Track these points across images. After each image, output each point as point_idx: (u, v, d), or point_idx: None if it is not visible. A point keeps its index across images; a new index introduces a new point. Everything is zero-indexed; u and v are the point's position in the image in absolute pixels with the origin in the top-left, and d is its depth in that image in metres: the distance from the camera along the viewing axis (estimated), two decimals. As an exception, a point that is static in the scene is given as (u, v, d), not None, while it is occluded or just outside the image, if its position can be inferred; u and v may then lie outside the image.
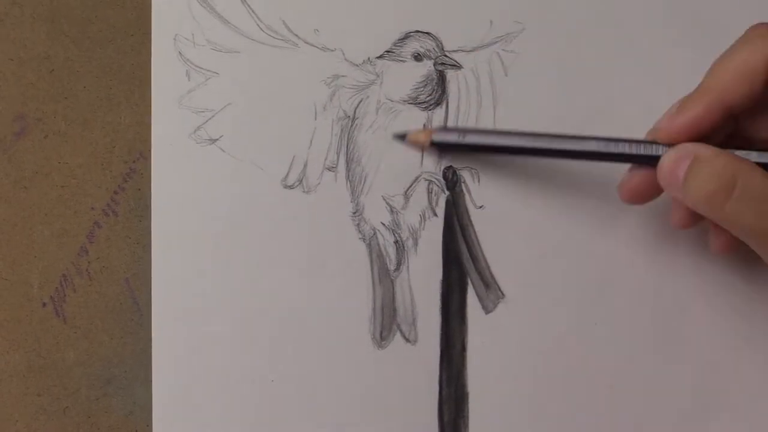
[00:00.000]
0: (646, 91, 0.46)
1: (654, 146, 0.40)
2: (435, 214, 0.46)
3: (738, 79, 0.38)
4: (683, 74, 0.46)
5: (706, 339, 0.46)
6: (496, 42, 0.46)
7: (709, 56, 0.46)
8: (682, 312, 0.46)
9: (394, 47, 0.46)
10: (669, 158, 0.39)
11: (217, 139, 0.45)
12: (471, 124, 0.46)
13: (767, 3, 0.46)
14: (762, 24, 0.39)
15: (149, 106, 0.45)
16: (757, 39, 0.39)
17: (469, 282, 0.45)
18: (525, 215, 0.46)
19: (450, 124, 0.46)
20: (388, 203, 0.46)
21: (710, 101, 0.39)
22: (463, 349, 0.45)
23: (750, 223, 0.37)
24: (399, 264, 0.46)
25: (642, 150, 0.41)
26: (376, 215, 0.46)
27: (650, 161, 0.40)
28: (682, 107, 0.39)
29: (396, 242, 0.46)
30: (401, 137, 0.45)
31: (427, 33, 0.46)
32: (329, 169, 0.45)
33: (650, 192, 0.41)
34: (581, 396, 0.45)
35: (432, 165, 0.46)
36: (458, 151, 0.45)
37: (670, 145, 0.40)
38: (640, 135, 0.41)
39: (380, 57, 0.46)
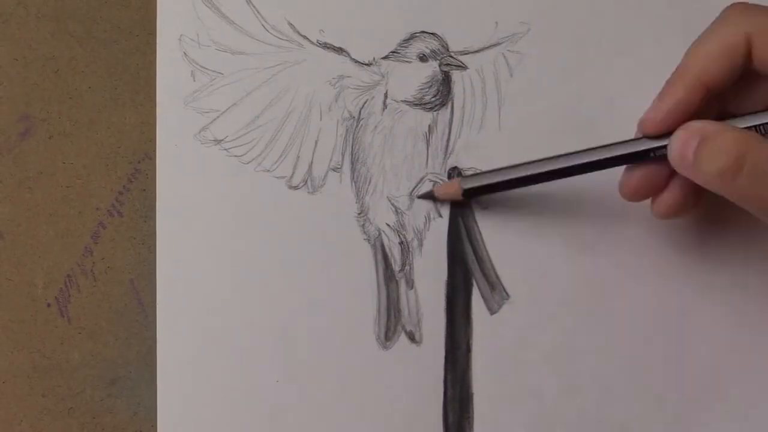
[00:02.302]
0: (651, 91, 0.45)
1: (643, 141, 0.40)
2: (440, 215, 0.46)
3: (717, 58, 0.38)
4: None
5: (708, 340, 0.46)
6: (502, 42, 0.46)
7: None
8: (685, 313, 0.46)
9: (399, 48, 0.46)
10: (677, 140, 0.39)
11: (222, 140, 0.45)
12: (476, 124, 0.46)
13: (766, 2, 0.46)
14: (739, 2, 0.39)
15: (154, 106, 0.45)
16: (735, 17, 0.38)
17: (474, 283, 0.45)
18: (530, 216, 0.45)
19: (455, 124, 0.46)
20: (393, 204, 0.46)
21: (690, 82, 0.39)
22: (468, 349, 0.45)
23: (761, 195, 0.37)
24: (404, 265, 0.46)
25: (634, 148, 0.41)
26: (381, 216, 0.46)
27: (645, 156, 0.40)
28: (663, 93, 0.39)
29: (401, 243, 0.46)
30: (429, 196, 0.45)
31: (432, 33, 0.46)
32: (334, 169, 0.45)
33: (652, 187, 0.41)
34: (585, 396, 0.45)
35: (437, 166, 0.46)
36: (486, 193, 0.45)
37: (657, 136, 0.40)
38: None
39: (385, 57, 0.46)
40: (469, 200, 0.45)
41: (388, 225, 0.46)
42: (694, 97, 0.39)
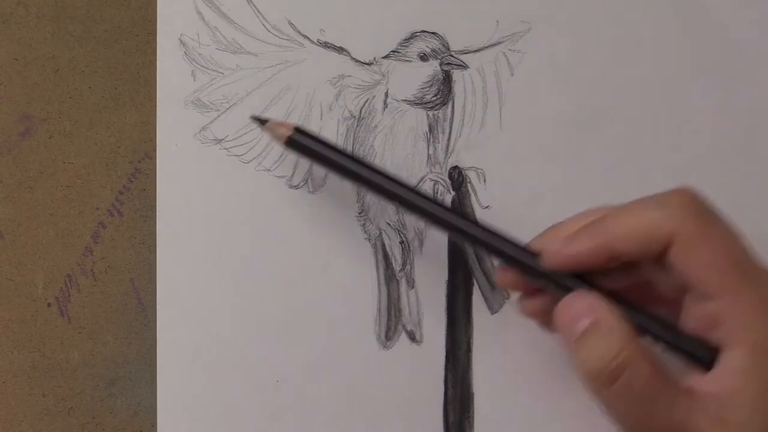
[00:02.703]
0: (651, 91, 0.46)
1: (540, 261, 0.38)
2: (441, 215, 0.46)
3: (635, 237, 0.36)
4: (688, 75, 0.46)
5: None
6: (503, 42, 0.46)
7: (713, 57, 0.46)
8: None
9: (399, 47, 0.46)
10: (568, 311, 0.37)
11: (223, 139, 0.45)
12: (477, 123, 0.46)
13: (767, 3, 0.46)
14: (686, 191, 0.36)
15: (154, 106, 0.45)
16: (671, 207, 0.36)
17: (475, 282, 0.45)
18: (530, 215, 0.45)
19: (455, 124, 0.46)
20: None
21: (598, 245, 0.36)
22: (469, 349, 0.45)
23: (627, 414, 0.35)
24: (405, 264, 0.46)
25: (526, 259, 0.38)
26: (382, 215, 0.46)
27: (536, 276, 0.38)
28: (572, 239, 0.37)
29: (402, 242, 0.46)
30: (260, 121, 0.42)
31: (433, 33, 0.46)
32: (335, 169, 0.45)
33: (524, 285, 0.39)
34: (586, 397, 0.45)
35: (438, 165, 0.46)
36: (310, 158, 0.41)
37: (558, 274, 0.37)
38: (646, 135, 0.41)
39: (386, 57, 0.46)
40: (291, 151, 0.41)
41: (388, 224, 0.46)
42: (599, 259, 0.36)
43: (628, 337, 0.35)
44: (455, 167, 0.46)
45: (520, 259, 0.38)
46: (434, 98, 0.46)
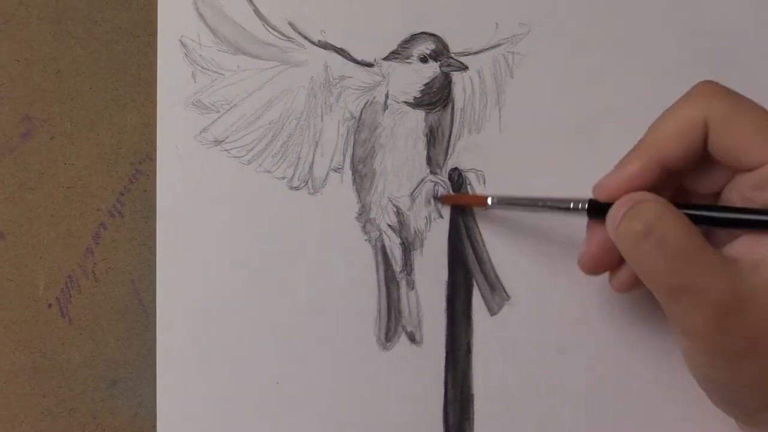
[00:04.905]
0: (650, 92, 0.46)
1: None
2: (441, 216, 0.46)
3: (675, 138, 0.38)
4: (687, 76, 0.46)
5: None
6: (502, 44, 0.46)
7: (712, 58, 0.46)
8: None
9: (400, 48, 0.46)
10: (615, 205, 0.39)
11: (223, 141, 0.45)
12: (477, 125, 0.46)
13: (767, 3, 0.46)
14: (706, 82, 0.39)
15: (155, 107, 0.45)
16: (697, 99, 0.38)
17: (475, 283, 0.45)
18: (530, 217, 0.45)
19: (455, 125, 0.46)
20: (394, 204, 0.46)
21: (647, 159, 0.38)
22: (469, 350, 0.45)
23: (657, 273, 0.37)
24: (405, 265, 0.46)
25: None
26: (382, 217, 0.46)
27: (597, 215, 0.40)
28: (621, 165, 0.39)
29: (402, 244, 0.46)
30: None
31: (433, 34, 0.46)
32: (335, 170, 0.45)
33: (606, 261, 0.41)
34: (586, 398, 0.45)
35: (438, 167, 0.46)
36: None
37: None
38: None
39: (386, 58, 0.46)
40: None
41: (389, 225, 0.46)
42: (650, 174, 0.39)
43: (665, 204, 0.37)
44: (455, 169, 0.46)
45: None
46: (434, 100, 0.46)
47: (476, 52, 0.46)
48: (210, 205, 0.45)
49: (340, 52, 0.46)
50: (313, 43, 0.46)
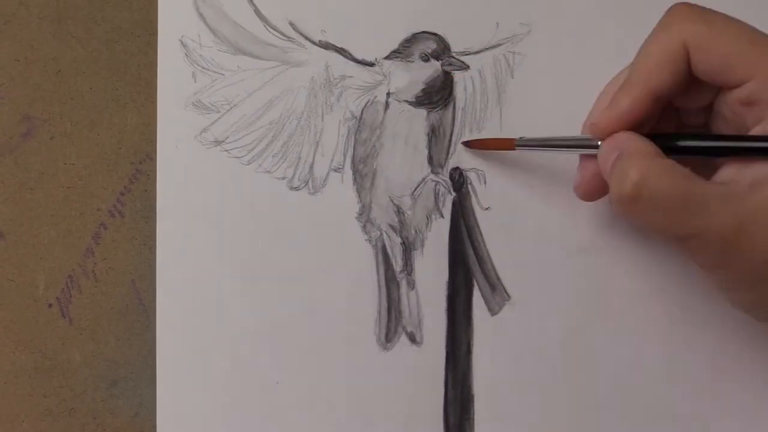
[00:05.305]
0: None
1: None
2: (441, 215, 0.46)
3: (659, 69, 0.38)
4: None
5: (710, 340, 0.46)
6: (503, 43, 0.46)
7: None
8: (686, 313, 0.46)
9: (401, 48, 0.46)
10: (602, 149, 0.39)
11: (223, 141, 0.45)
12: (476, 125, 0.46)
13: (767, 3, 0.46)
14: (679, 5, 0.39)
15: (155, 107, 0.45)
16: (672, 25, 0.38)
17: (475, 283, 0.45)
18: (531, 217, 0.45)
19: (456, 125, 0.46)
20: (394, 204, 0.46)
21: (637, 93, 0.39)
22: (469, 350, 0.45)
23: (655, 223, 0.37)
24: (405, 265, 0.46)
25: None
26: (383, 216, 0.46)
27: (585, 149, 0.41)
28: (613, 101, 0.39)
29: (402, 243, 0.46)
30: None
31: (434, 34, 0.46)
32: (336, 170, 0.45)
33: (601, 186, 0.41)
34: (586, 398, 0.45)
35: (439, 166, 0.46)
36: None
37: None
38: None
39: (387, 58, 0.46)
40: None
41: (389, 225, 0.46)
42: (643, 106, 0.39)
43: (648, 157, 0.37)
44: (456, 168, 0.46)
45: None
46: (435, 99, 0.46)
47: (477, 52, 0.46)
48: (210, 206, 0.45)
49: (341, 51, 0.46)
50: (313, 42, 0.46)
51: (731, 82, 0.37)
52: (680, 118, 0.42)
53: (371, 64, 0.46)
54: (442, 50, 0.46)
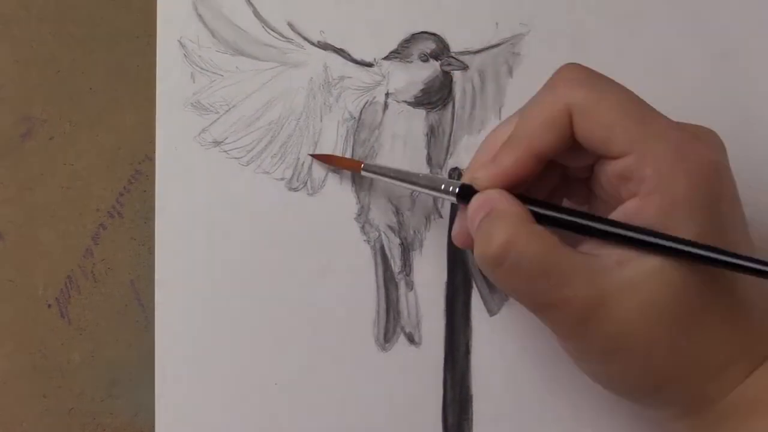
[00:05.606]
0: (650, 93, 0.45)
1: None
2: (440, 216, 0.46)
3: (543, 129, 0.37)
4: (688, 75, 0.46)
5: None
6: (502, 44, 0.46)
7: (714, 57, 0.45)
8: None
9: (400, 48, 0.46)
10: (473, 204, 0.38)
11: (222, 142, 0.45)
12: (477, 125, 0.46)
13: (767, 3, 0.46)
14: (568, 66, 0.38)
15: (154, 108, 0.45)
16: (558, 88, 0.37)
17: (474, 284, 0.45)
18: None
19: (456, 125, 0.46)
20: (393, 205, 0.46)
21: (520, 152, 0.37)
22: (468, 351, 0.45)
23: (516, 290, 0.36)
24: (404, 266, 0.46)
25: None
26: (382, 217, 0.46)
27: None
28: (497, 158, 0.38)
29: (401, 244, 0.46)
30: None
31: (433, 34, 0.46)
32: (334, 171, 0.45)
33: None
34: (585, 398, 0.45)
35: (438, 167, 0.46)
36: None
37: None
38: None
39: (386, 58, 0.46)
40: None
41: (388, 226, 0.46)
42: (526, 165, 0.37)
43: (518, 221, 0.36)
44: (455, 168, 0.46)
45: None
46: (434, 99, 0.46)
47: (476, 52, 0.46)
48: (209, 206, 0.45)
49: (340, 52, 0.46)
50: (312, 43, 0.46)
51: (610, 153, 0.36)
52: (565, 171, 0.40)
53: (370, 65, 0.46)
54: (441, 50, 0.46)
